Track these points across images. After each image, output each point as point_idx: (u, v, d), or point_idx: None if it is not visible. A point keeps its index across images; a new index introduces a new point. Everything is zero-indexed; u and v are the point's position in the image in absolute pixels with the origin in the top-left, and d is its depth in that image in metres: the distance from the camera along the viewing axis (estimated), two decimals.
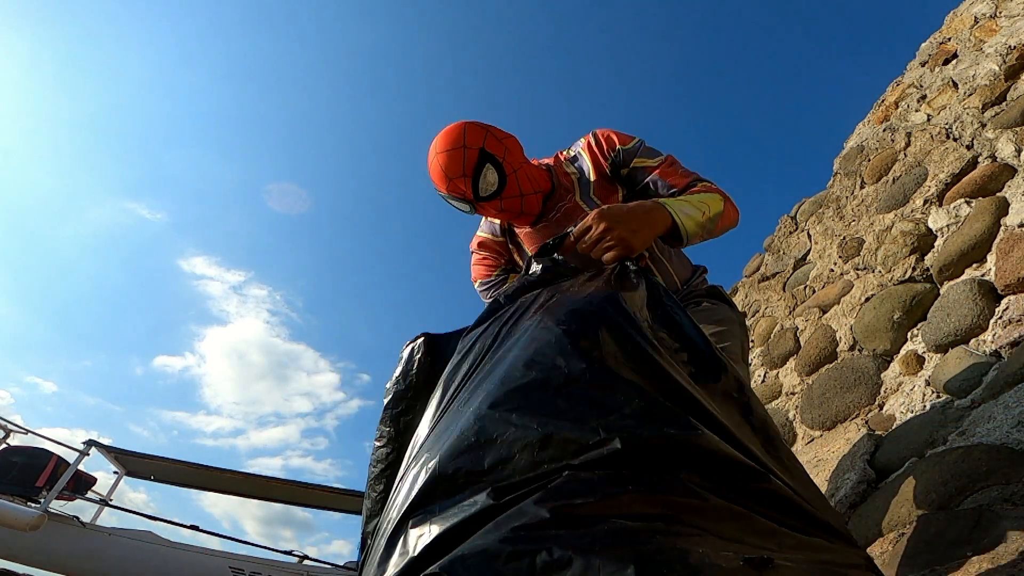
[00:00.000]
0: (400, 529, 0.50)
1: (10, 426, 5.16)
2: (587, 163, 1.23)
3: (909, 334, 1.63)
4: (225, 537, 6.09)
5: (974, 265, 1.52)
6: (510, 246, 1.34)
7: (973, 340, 1.38)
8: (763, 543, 0.44)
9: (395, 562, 0.47)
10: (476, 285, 1.38)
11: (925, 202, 1.85)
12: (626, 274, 0.79)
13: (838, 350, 1.91)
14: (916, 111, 2.35)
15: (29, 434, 5.29)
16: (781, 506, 0.49)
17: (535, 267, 0.91)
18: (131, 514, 5.57)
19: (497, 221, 1.35)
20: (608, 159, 1.21)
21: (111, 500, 5.69)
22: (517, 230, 1.31)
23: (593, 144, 1.24)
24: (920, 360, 1.54)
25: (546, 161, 1.31)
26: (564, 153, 1.30)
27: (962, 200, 1.68)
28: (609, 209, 0.90)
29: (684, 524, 0.43)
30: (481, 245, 1.37)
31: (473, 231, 1.41)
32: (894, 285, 1.76)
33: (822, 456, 1.53)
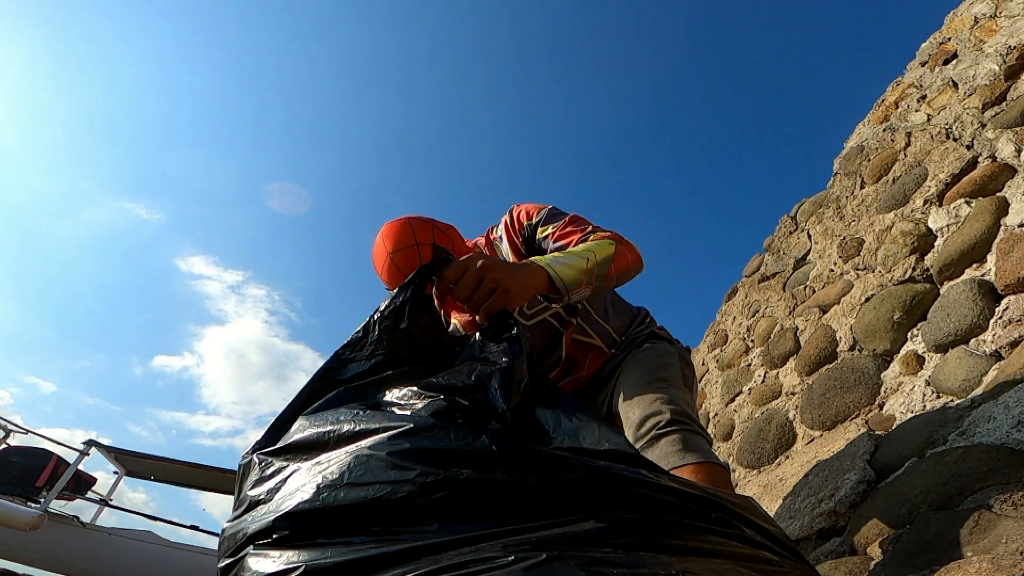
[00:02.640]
0: None
1: (10, 426, 5.17)
2: (506, 244, 1.28)
3: (909, 334, 1.63)
4: None
5: (974, 265, 1.52)
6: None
7: (973, 340, 1.38)
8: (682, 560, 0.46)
9: None
10: None
11: (925, 202, 1.85)
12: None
13: (838, 350, 1.91)
14: (916, 111, 2.35)
15: (29, 434, 5.29)
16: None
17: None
18: (131, 514, 5.58)
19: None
20: (521, 236, 1.26)
21: (111, 500, 5.70)
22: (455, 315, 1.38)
23: (509, 224, 1.29)
24: (920, 360, 1.54)
25: (480, 241, 1.37)
26: (493, 232, 1.35)
27: (962, 200, 1.68)
28: (483, 254, 0.87)
29: (616, 550, 0.45)
30: None
31: None
32: (894, 285, 1.76)
33: (822, 456, 1.53)
